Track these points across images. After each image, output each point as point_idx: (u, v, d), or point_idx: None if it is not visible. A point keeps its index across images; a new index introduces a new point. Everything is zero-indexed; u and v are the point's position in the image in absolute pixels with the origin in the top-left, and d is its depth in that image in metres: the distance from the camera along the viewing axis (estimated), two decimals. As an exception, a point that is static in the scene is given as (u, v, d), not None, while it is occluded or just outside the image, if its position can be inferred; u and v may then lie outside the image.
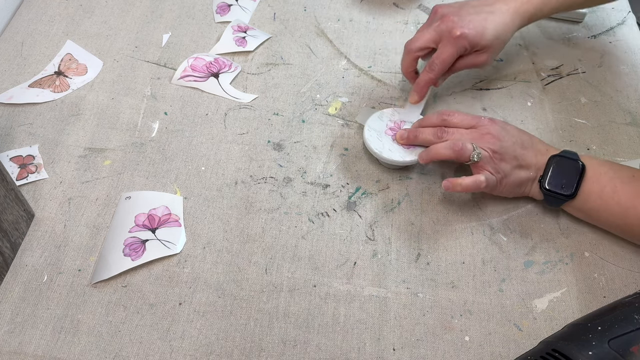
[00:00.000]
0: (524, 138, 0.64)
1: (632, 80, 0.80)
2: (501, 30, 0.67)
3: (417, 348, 0.58)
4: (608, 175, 0.61)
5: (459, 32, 0.65)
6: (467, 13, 0.67)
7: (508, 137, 0.62)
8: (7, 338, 0.57)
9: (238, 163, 0.71)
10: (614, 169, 0.61)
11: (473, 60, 0.70)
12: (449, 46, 0.66)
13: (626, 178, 0.60)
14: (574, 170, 0.61)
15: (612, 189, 0.60)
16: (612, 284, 0.62)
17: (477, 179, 0.61)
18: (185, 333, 0.58)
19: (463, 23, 0.66)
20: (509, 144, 0.62)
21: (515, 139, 0.63)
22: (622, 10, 0.90)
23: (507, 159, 0.62)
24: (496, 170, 0.62)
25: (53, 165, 0.70)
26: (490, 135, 0.62)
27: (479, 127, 0.64)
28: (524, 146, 0.63)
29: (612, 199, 0.60)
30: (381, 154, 0.67)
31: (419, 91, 0.70)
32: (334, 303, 0.60)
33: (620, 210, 0.60)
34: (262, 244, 0.64)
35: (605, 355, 0.48)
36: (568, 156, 0.62)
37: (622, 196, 0.59)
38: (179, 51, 0.82)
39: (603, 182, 0.61)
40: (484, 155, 0.62)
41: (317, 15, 0.88)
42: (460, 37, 0.65)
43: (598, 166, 0.62)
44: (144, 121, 0.74)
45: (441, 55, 0.67)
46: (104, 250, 0.63)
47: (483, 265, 0.63)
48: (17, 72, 0.79)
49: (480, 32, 0.66)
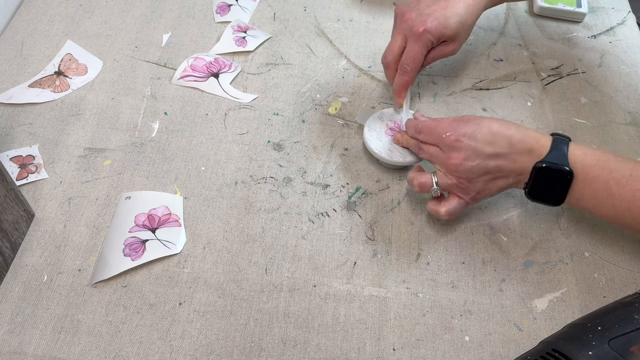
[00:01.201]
0: (497, 146, 0.57)
1: (632, 80, 0.80)
2: (464, 16, 0.66)
3: (417, 348, 0.58)
4: (602, 177, 0.56)
5: (422, 29, 0.64)
6: (425, 6, 0.65)
7: (475, 156, 0.57)
8: (7, 338, 0.57)
9: (238, 163, 0.71)
10: (610, 169, 0.56)
11: (442, 52, 0.68)
12: (415, 45, 0.65)
13: (622, 179, 0.55)
14: (561, 180, 0.56)
15: (607, 192, 0.56)
16: (612, 284, 0.62)
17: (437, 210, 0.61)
18: (185, 333, 0.58)
19: (423, 18, 0.64)
20: (475, 162, 0.57)
21: (485, 153, 0.57)
22: (622, 10, 0.90)
23: (476, 178, 0.58)
24: (465, 193, 0.60)
25: (53, 165, 0.70)
26: (453, 160, 0.58)
27: (443, 148, 0.60)
28: (497, 156, 0.57)
29: (606, 202, 0.56)
30: (381, 154, 0.67)
31: (399, 94, 0.69)
32: (334, 303, 0.60)
33: (615, 213, 0.56)
34: (262, 244, 0.64)
35: (605, 355, 0.48)
36: (554, 163, 0.56)
37: (617, 200, 0.55)
38: (179, 51, 0.82)
39: (596, 186, 0.56)
40: (448, 184, 0.60)
41: (317, 15, 0.88)
42: (424, 33, 0.64)
43: (590, 168, 0.56)
44: (144, 121, 0.74)
45: (410, 55, 0.66)
46: (104, 250, 0.63)
47: (483, 265, 0.63)
48: (17, 72, 0.79)
49: (443, 23, 0.64)
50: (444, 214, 0.61)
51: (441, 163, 0.60)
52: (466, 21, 0.66)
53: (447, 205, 0.61)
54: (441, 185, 0.61)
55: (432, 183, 0.61)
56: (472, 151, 0.57)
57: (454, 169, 0.59)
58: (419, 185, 0.62)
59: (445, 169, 0.60)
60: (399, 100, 0.70)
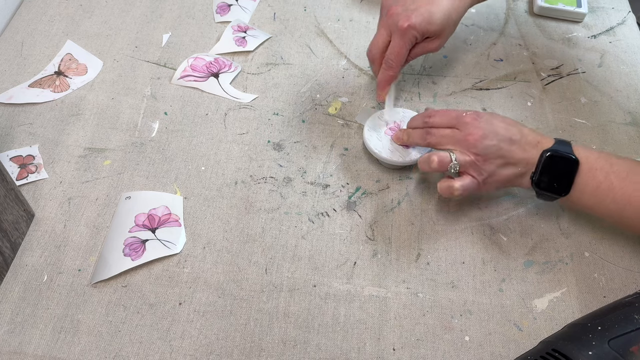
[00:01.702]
0: (512, 132, 0.60)
1: (632, 80, 0.80)
2: (449, 12, 0.65)
3: (417, 348, 0.58)
4: (604, 170, 0.58)
5: (407, 24, 0.63)
6: (411, 1, 0.65)
7: (493, 135, 0.60)
8: (7, 338, 0.57)
9: (238, 163, 0.71)
10: (611, 162, 0.58)
11: (425, 48, 0.68)
12: (399, 40, 0.65)
13: (623, 173, 0.57)
14: (567, 168, 0.58)
15: (608, 185, 0.57)
16: (612, 284, 0.62)
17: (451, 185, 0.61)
18: (185, 333, 0.58)
19: (408, 13, 0.64)
20: (493, 142, 0.59)
21: (501, 135, 0.60)
22: (622, 10, 0.90)
23: (491, 159, 0.60)
24: (479, 173, 0.60)
25: (53, 165, 0.70)
26: (473, 136, 0.60)
27: (460, 126, 0.61)
28: (511, 141, 0.60)
29: (607, 196, 0.58)
30: (381, 154, 0.67)
31: (382, 88, 0.69)
32: (334, 303, 0.60)
33: (616, 207, 0.58)
34: (262, 244, 0.64)
35: (605, 355, 0.48)
36: (561, 151, 0.59)
37: (618, 193, 0.57)
38: (179, 51, 0.82)
39: (599, 178, 0.58)
40: (465, 161, 0.60)
41: (317, 15, 0.88)
42: (409, 28, 0.64)
43: (594, 160, 0.59)
44: (144, 121, 0.74)
45: (394, 50, 0.66)
46: (104, 250, 0.63)
47: (483, 265, 0.63)
48: (17, 72, 0.79)
49: (428, 18, 0.64)
50: (458, 188, 0.61)
51: (458, 141, 0.61)
52: (451, 17, 0.66)
53: (461, 181, 0.61)
54: (459, 161, 0.61)
55: (451, 159, 0.61)
56: (490, 130, 0.60)
57: (472, 144, 0.60)
58: (439, 161, 0.61)
59: (462, 146, 0.61)
60: (382, 94, 0.70)
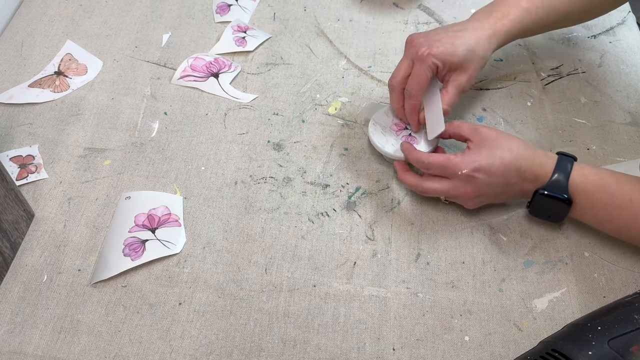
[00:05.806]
0: (510, 176, 0.61)
1: (632, 80, 0.80)
2: (473, 47, 0.66)
3: (417, 348, 0.58)
4: (603, 202, 0.59)
5: (427, 52, 0.64)
6: (435, 34, 0.67)
7: (488, 187, 0.61)
8: (7, 338, 0.57)
9: (238, 163, 0.71)
10: (611, 192, 0.59)
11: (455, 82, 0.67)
12: (419, 67, 0.65)
13: (624, 203, 0.58)
14: (560, 207, 0.61)
15: (607, 216, 0.60)
16: (612, 284, 0.62)
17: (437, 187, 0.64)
18: (185, 333, 0.58)
19: (430, 42, 0.65)
20: (489, 192, 0.62)
21: (498, 183, 0.61)
22: (622, 10, 0.90)
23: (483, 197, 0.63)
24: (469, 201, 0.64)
25: (53, 165, 0.70)
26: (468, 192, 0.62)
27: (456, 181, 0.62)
28: (509, 184, 0.61)
29: (607, 224, 0.61)
30: (384, 148, 0.67)
31: (412, 119, 0.68)
32: (334, 303, 0.60)
33: (616, 232, 0.61)
34: (262, 244, 0.64)
35: (605, 355, 0.48)
36: (554, 193, 0.60)
37: (617, 222, 0.60)
38: (179, 51, 0.82)
39: (597, 209, 0.60)
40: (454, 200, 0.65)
41: (317, 15, 0.88)
42: (429, 56, 0.64)
43: (592, 192, 0.59)
44: (144, 121, 0.74)
45: (414, 78, 0.66)
46: (104, 250, 0.63)
47: (483, 265, 0.63)
48: (17, 72, 0.79)
49: (450, 49, 0.65)
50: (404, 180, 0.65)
51: (453, 196, 0.64)
52: (474, 50, 0.66)
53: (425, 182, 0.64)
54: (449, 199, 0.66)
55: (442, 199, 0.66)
56: (485, 185, 0.61)
57: (465, 199, 0.63)
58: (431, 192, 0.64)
59: (456, 199, 0.64)
60: (414, 125, 0.69)
